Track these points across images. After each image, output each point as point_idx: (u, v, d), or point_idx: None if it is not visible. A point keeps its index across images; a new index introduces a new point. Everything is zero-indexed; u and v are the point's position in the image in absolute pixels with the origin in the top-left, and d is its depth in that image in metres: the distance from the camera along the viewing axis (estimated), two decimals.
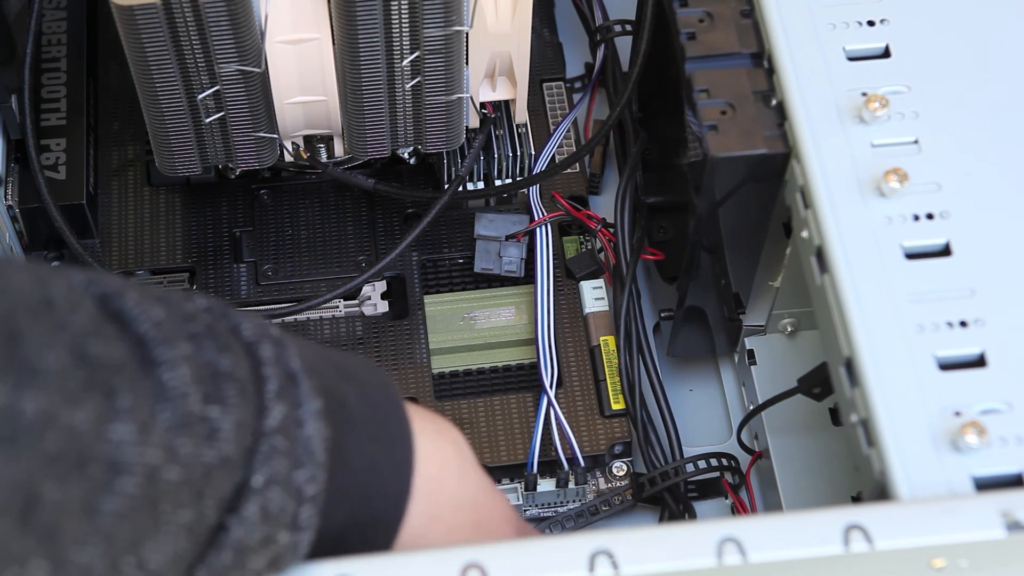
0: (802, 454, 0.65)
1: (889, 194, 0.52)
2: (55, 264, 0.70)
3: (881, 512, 0.45)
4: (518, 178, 0.72)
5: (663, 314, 0.69)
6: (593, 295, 0.70)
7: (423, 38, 0.59)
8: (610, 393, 0.67)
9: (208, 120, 0.61)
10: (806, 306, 0.56)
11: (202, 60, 0.58)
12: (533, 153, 0.72)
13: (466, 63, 0.63)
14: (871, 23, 0.57)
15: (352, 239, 0.72)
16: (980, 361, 0.49)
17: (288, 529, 0.41)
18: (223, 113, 0.61)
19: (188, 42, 0.57)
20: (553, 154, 0.72)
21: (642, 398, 0.66)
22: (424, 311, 0.69)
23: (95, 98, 0.74)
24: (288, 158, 0.67)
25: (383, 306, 0.70)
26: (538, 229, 0.70)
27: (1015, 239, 0.52)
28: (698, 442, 0.69)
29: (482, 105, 0.68)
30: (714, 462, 0.65)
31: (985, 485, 0.46)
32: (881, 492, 0.47)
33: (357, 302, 0.70)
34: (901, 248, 0.51)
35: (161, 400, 0.37)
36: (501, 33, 0.63)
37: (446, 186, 0.70)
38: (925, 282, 0.50)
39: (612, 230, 0.68)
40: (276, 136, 0.64)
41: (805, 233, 0.53)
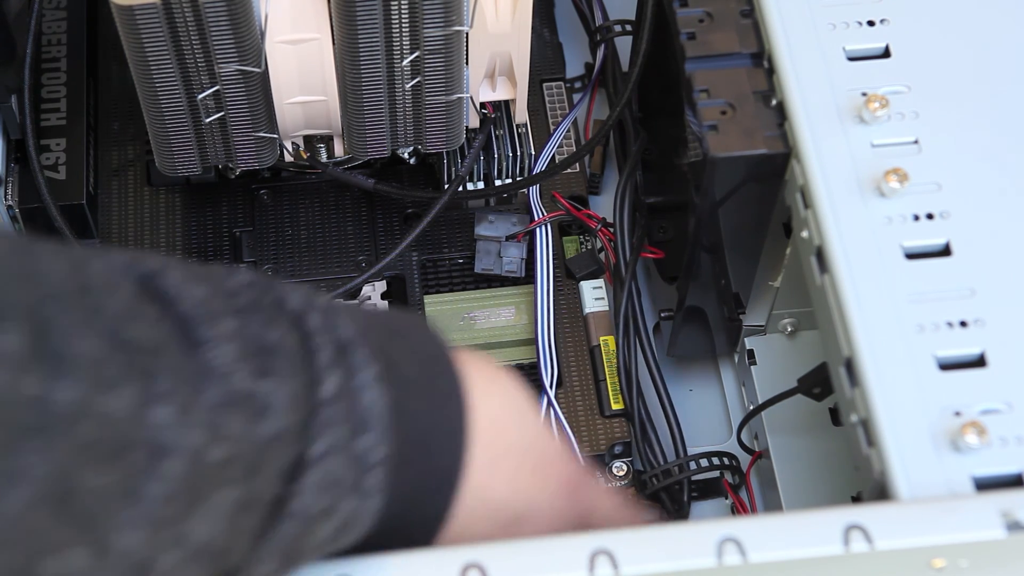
0: (802, 454, 0.65)
1: (889, 194, 0.52)
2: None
3: (881, 512, 0.45)
4: (518, 178, 0.72)
5: (663, 314, 0.69)
6: (593, 295, 0.70)
7: (423, 38, 0.59)
8: (610, 393, 0.67)
9: (208, 120, 0.61)
10: (806, 306, 0.56)
11: (202, 60, 0.58)
12: (533, 153, 0.72)
13: (466, 63, 0.63)
14: (871, 23, 0.57)
15: (352, 239, 0.72)
16: (980, 361, 0.49)
17: (352, 496, 0.41)
18: (223, 113, 0.61)
19: (188, 42, 0.57)
20: (553, 154, 0.72)
21: (641, 396, 0.66)
22: (424, 311, 0.69)
23: (95, 98, 0.74)
24: (288, 158, 0.67)
25: (383, 306, 0.70)
26: (538, 229, 0.70)
27: (1015, 239, 0.52)
28: (698, 442, 0.69)
29: (482, 105, 0.68)
30: (715, 460, 0.65)
31: (985, 485, 0.46)
32: (881, 492, 0.47)
33: (357, 302, 0.70)
34: (901, 248, 0.51)
35: (205, 379, 0.37)
36: (501, 33, 0.63)
37: (446, 186, 0.70)
38: (925, 282, 0.50)
39: (612, 230, 0.68)
40: (276, 136, 0.64)
41: (805, 233, 0.53)
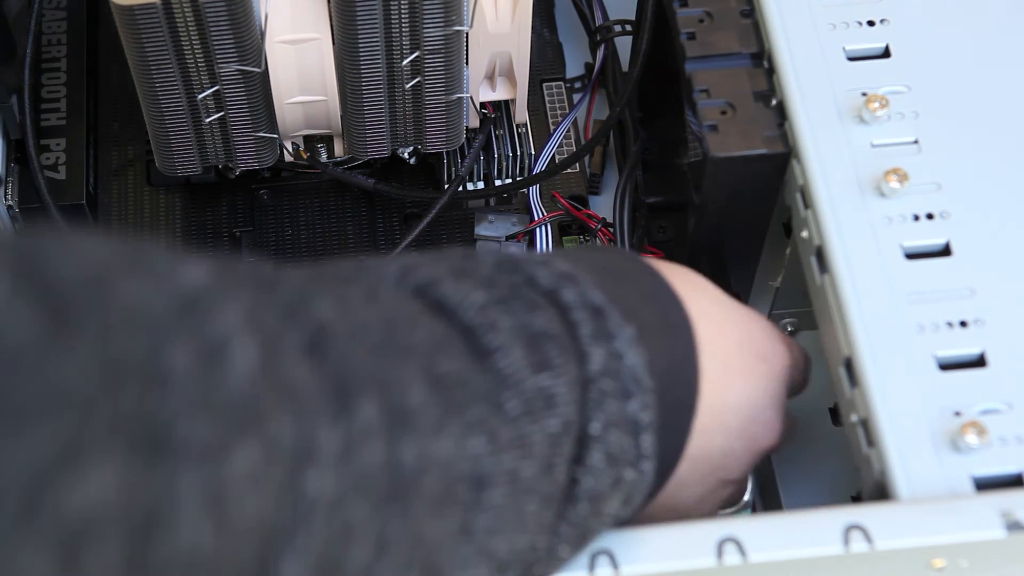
0: (802, 454, 0.65)
1: (889, 194, 0.52)
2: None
3: (881, 512, 0.45)
4: (518, 178, 0.72)
5: None
6: None
7: (423, 38, 0.59)
8: None
9: (208, 120, 0.61)
10: (806, 306, 0.56)
11: (202, 60, 0.58)
12: (533, 153, 0.72)
13: (466, 63, 0.63)
14: (871, 23, 0.57)
15: (352, 239, 0.72)
16: (980, 361, 0.49)
17: (633, 465, 0.41)
18: (223, 113, 0.61)
19: (188, 42, 0.57)
20: (553, 154, 0.72)
21: None
22: None
23: (95, 98, 0.74)
24: (288, 158, 0.67)
25: None
26: (538, 229, 0.70)
27: (1015, 239, 0.52)
28: None
29: (482, 105, 0.68)
30: None
31: (985, 485, 0.46)
32: (881, 492, 0.47)
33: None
34: (901, 248, 0.51)
35: (503, 392, 0.36)
36: (501, 33, 0.63)
37: (446, 186, 0.70)
38: (925, 282, 0.50)
39: (612, 230, 0.68)
40: (276, 136, 0.64)
41: (805, 233, 0.53)
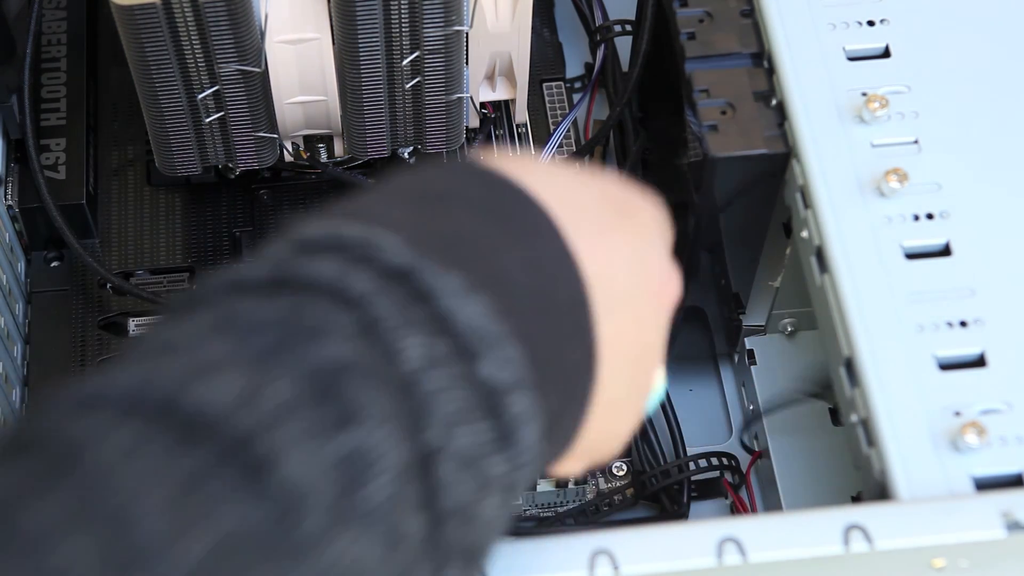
0: (802, 454, 0.65)
1: (889, 194, 0.52)
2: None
3: (881, 512, 0.45)
4: None
5: None
6: None
7: (423, 38, 0.59)
8: None
9: (208, 120, 0.61)
10: (806, 306, 0.56)
11: (202, 60, 0.58)
12: (533, 153, 0.72)
13: (466, 63, 0.63)
14: (871, 23, 0.57)
15: None
16: (980, 361, 0.49)
17: (500, 451, 0.35)
18: (223, 113, 0.61)
19: (188, 42, 0.57)
20: (553, 154, 0.72)
21: None
22: None
23: (95, 98, 0.74)
24: (288, 158, 0.67)
25: None
26: None
27: (1015, 239, 0.52)
28: (698, 442, 0.69)
29: (482, 105, 0.68)
30: (715, 461, 0.65)
31: (985, 485, 0.46)
32: (881, 492, 0.47)
33: None
34: (901, 248, 0.51)
35: (292, 514, 0.32)
36: (501, 33, 0.63)
37: None
38: (925, 282, 0.50)
39: None
40: (276, 136, 0.64)
41: (805, 233, 0.53)
